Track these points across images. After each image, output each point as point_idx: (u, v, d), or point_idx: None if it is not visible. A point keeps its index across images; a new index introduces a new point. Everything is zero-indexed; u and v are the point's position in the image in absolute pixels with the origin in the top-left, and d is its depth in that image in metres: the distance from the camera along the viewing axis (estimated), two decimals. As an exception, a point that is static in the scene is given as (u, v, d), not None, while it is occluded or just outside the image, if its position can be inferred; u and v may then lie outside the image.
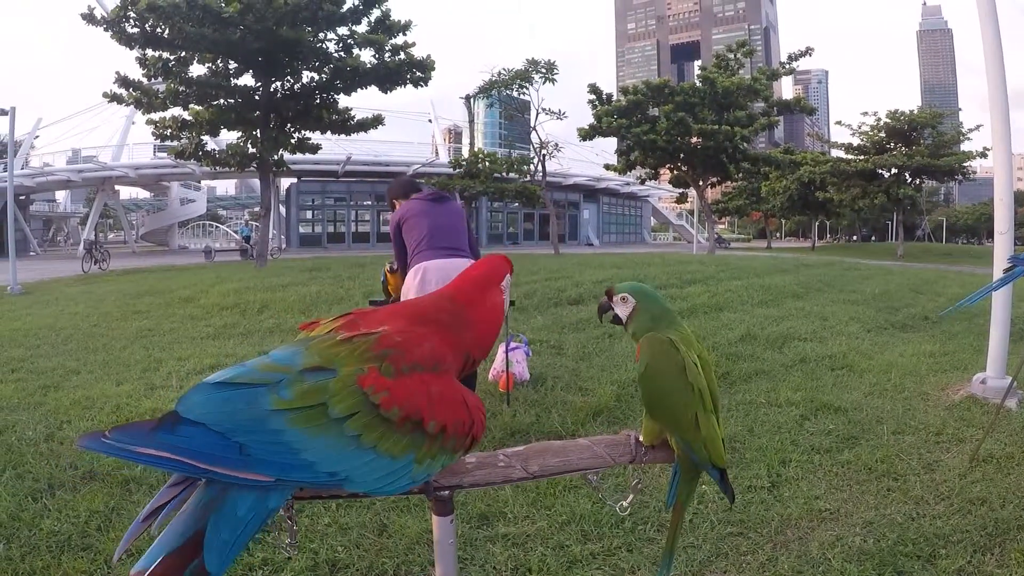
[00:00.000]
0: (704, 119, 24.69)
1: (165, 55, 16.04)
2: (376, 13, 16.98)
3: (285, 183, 37.12)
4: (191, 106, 17.20)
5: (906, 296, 9.72)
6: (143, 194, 52.93)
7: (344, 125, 18.45)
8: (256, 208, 35.89)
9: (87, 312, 8.46)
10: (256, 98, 17.17)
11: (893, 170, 29.85)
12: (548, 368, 5.13)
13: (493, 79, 25.19)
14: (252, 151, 17.88)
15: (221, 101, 17.06)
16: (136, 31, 15.26)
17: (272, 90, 17.15)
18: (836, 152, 34.98)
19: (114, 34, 15.32)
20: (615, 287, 1.31)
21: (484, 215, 40.10)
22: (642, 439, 1.25)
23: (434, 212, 3.78)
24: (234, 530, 0.89)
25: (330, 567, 2.30)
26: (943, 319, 7.63)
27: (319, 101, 17.74)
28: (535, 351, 5.47)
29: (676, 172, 28.34)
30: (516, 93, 27.00)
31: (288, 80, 17.32)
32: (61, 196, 55.76)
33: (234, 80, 17.10)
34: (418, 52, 17.32)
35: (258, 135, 17.56)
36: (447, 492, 1.12)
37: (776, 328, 6.65)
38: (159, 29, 15.07)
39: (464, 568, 2.29)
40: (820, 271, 12.48)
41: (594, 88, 26.33)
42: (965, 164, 29.35)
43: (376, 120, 19.08)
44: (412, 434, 0.96)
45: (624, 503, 1.32)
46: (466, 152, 32.68)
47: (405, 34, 17.18)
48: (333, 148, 29.15)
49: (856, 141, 31.43)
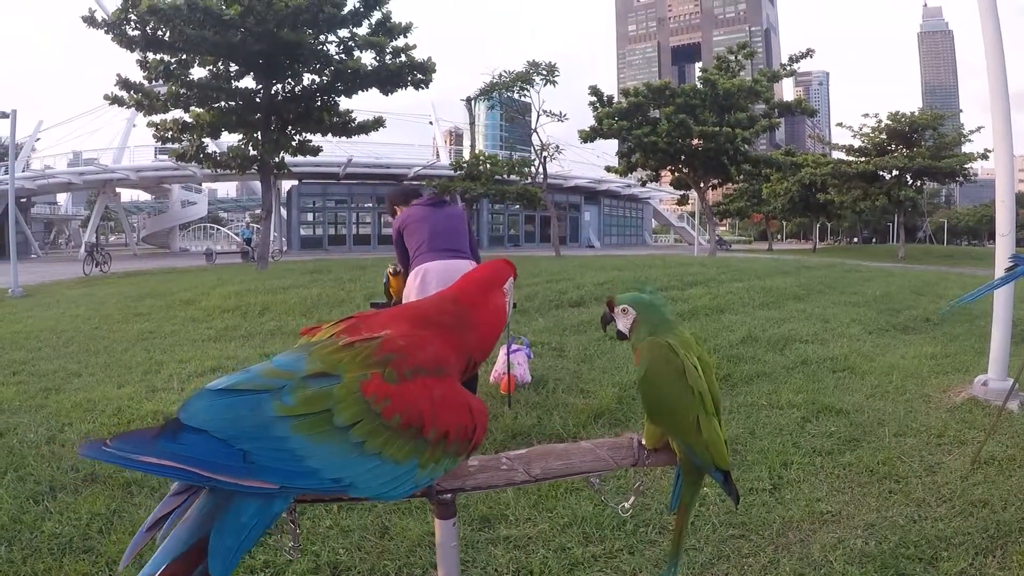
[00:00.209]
0: (705, 121, 24.69)
1: (166, 57, 16.05)
2: (377, 15, 16.98)
3: (286, 185, 37.18)
4: (192, 108, 17.20)
5: (907, 298, 9.71)
6: (144, 196, 53.03)
7: (345, 127, 18.45)
8: (257, 210, 35.95)
9: (88, 314, 8.47)
10: (257, 100, 17.17)
11: (894, 172, 29.87)
12: (549, 370, 5.13)
13: (494, 81, 25.18)
14: (253, 153, 17.88)
15: (222, 103, 17.05)
16: (137, 33, 15.27)
17: (273, 92, 17.15)
18: (837, 154, 34.93)
19: (115, 37, 15.32)
20: (616, 298, 1.29)
21: (485, 217, 40.11)
22: (644, 442, 1.25)
23: (434, 216, 3.79)
24: (238, 536, 0.89)
25: (332, 569, 2.30)
26: (944, 321, 7.62)
27: (320, 103, 17.74)
28: (536, 353, 5.47)
29: (677, 174, 28.34)
30: (517, 95, 27.01)
31: (289, 82, 17.32)
32: (62, 198, 55.77)
33: (235, 82, 17.11)
34: (419, 54, 17.35)
35: (259, 137, 17.56)
36: (449, 495, 1.12)
37: (777, 330, 6.64)
38: (160, 32, 15.06)
39: (466, 571, 2.29)
40: (821, 273, 12.46)
41: (595, 90, 26.35)
42: (966, 166, 29.36)
43: (377, 122, 19.08)
44: (415, 440, 0.96)
45: (626, 505, 1.32)
46: (467, 154, 32.70)
47: (406, 36, 17.18)
48: (334, 150, 29.15)
49: (857, 143, 31.45)
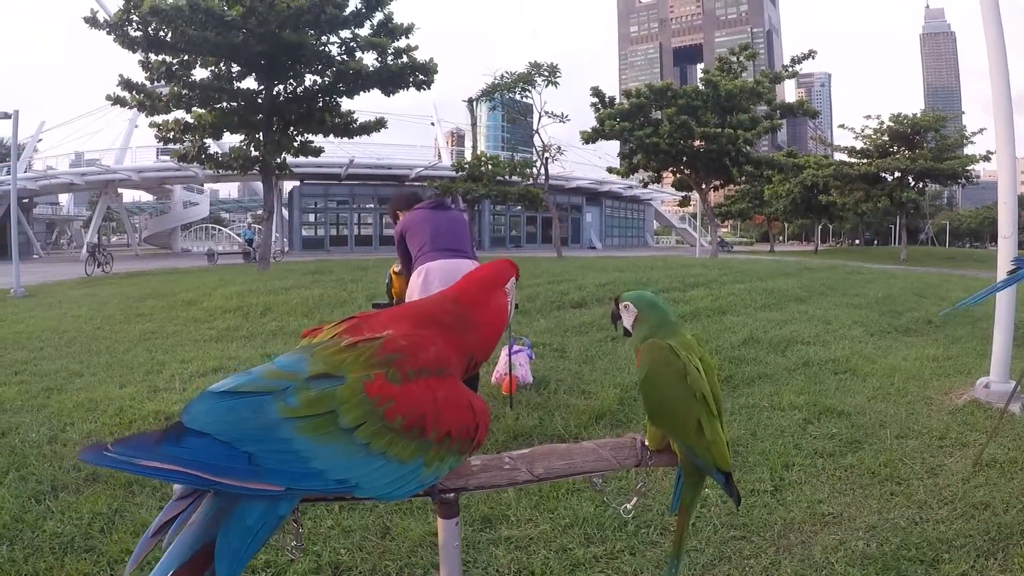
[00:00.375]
0: (707, 122, 24.71)
1: (168, 58, 16.05)
2: (379, 16, 16.97)
3: (288, 186, 37.22)
4: (194, 109, 17.19)
5: (909, 300, 9.70)
6: (146, 197, 53.10)
7: (347, 128, 18.45)
8: (259, 211, 36.02)
9: (90, 315, 8.48)
10: (259, 101, 17.17)
11: (896, 173, 29.81)
12: (551, 371, 5.13)
13: (496, 82, 25.19)
14: (255, 154, 17.89)
15: (224, 104, 17.05)
16: (139, 34, 15.27)
17: (275, 93, 17.16)
18: (839, 155, 34.88)
19: (117, 37, 15.33)
20: (621, 295, 1.31)
21: (487, 218, 40.11)
22: (647, 443, 1.25)
23: (437, 218, 3.83)
24: (244, 539, 0.89)
25: (333, 570, 2.30)
26: (946, 323, 7.61)
27: (322, 104, 17.73)
28: (538, 354, 5.47)
29: (679, 175, 28.35)
30: (519, 96, 27.03)
31: (291, 83, 17.32)
32: (64, 199, 55.88)
33: (237, 83, 17.11)
34: (421, 55, 17.34)
35: (261, 138, 17.56)
36: (452, 495, 1.12)
37: (779, 332, 6.64)
38: (162, 32, 15.06)
39: (467, 571, 2.28)
40: (823, 275, 12.44)
41: (597, 91, 26.38)
42: (968, 168, 29.28)
43: (379, 123, 19.07)
44: (419, 439, 0.96)
45: (628, 506, 1.32)
46: (469, 155, 32.74)
47: (408, 37, 17.18)
48: (336, 151, 29.19)
49: (859, 144, 31.39)
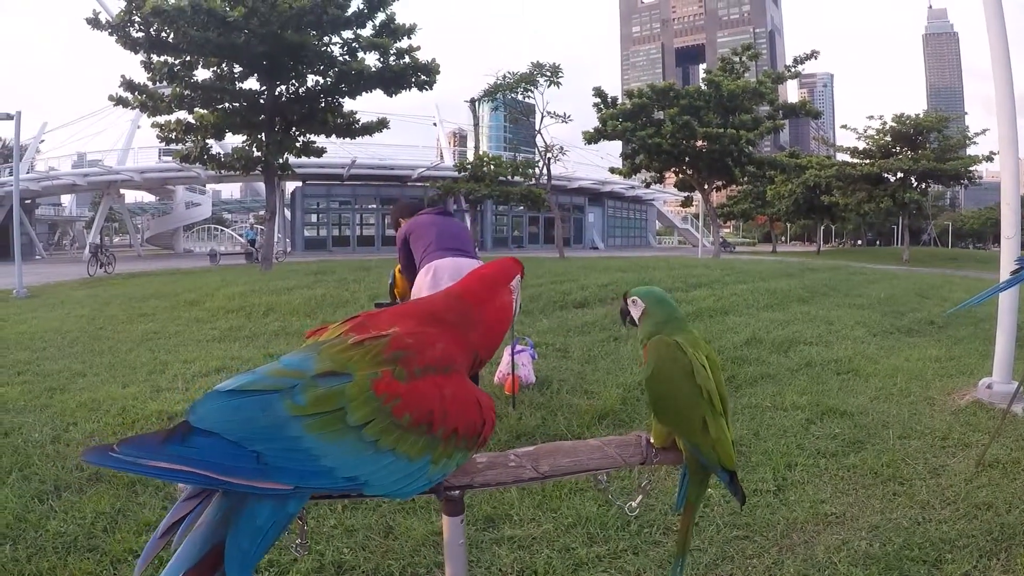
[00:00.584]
0: (709, 122, 24.68)
1: (170, 59, 16.06)
2: (381, 17, 16.98)
3: (290, 186, 37.25)
4: (196, 110, 17.22)
5: (912, 300, 9.68)
6: (148, 198, 53.08)
7: (349, 128, 18.46)
8: (261, 211, 36.08)
9: (93, 315, 8.50)
10: (261, 102, 17.19)
11: (899, 174, 29.74)
12: (554, 371, 5.13)
13: (498, 82, 25.20)
14: (257, 155, 17.90)
15: (226, 105, 17.08)
16: (141, 35, 15.28)
17: (277, 94, 17.18)
18: (841, 156, 34.78)
19: (119, 38, 15.35)
20: (629, 291, 1.34)
21: (489, 218, 40.10)
22: (652, 440, 1.25)
23: (440, 222, 3.91)
24: (254, 539, 0.88)
25: (336, 569, 2.31)
26: (949, 324, 7.60)
27: (324, 104, 17.76)
28: (541, 354, 5.47)
29: (681, 176, 28.33)
30: (521, 96, 27.03)
31: (293, 84, 17.34)
32: (66, 200, 55.97)
33: (239, 84, 17.13)
34: (423, 56, 17.36)
35: (263, 139, 17.58)
36: (458, 492, 1.12)
37: (781, 332, 6.63)
38: (164, 33, 15.08)
39: (470, 570, 2.28)
40: (825, 275, 12.42)
41: (599, 91, 26.36)
42: (971, 168, 29.19)
43: (381, 123, 19.09)
44: (427, 436, 0.96)
45: (633, 504, 1.33)
46: (471, 155, 32.75)
47: (410, 38, 17.19)
48: (338, 151, 29.18)
49: (862, 145, 31.31)
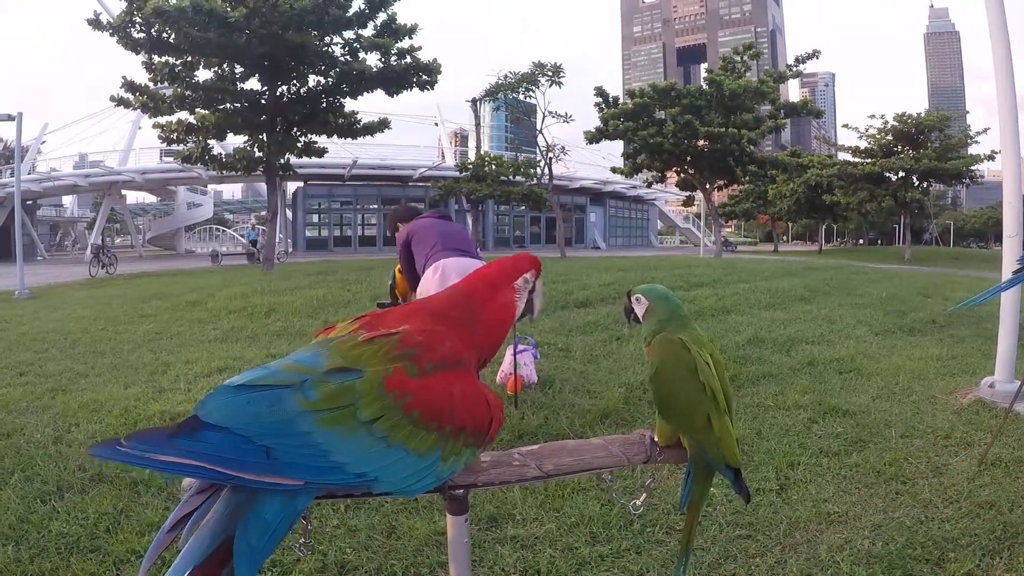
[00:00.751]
0: (711, 122, 24.67)
1: (171, 60, 16.08)
2: (382, 17, 16.99)
3: (292, 187, 37.26)
4: (197, 110, 17.25)
5: (914, 300, 9.67)
6: (150, 198, 53.14)
7: (350, 129, 18.49)
8: (263, 212, 36.04)
9: (94, 316, 8.50)
10: (262, 102, 17.20)
11: (900, 173, 29.70)
12: (556, 371, 5.13)
13: (499, 82, 25.22)
14: (258, 155, 17.91)
15: (227, 105, 17.09)
16: (142, 36, 15.29)
17: (278, 94, 17.20)
18: (843, 155, 34.70)
19: (120, 39, 15.35)
20: (632, 289, 1.34)
21: (491, 218, 40.07)
22: (656, 439, 1.25)
23: (442, 225, 3.92)
24: (263, 535, 0.88)
25: (339, 569, 2.31)
26: (951, 323, 7.59)
27: (325, 105, 17.78)
28: (543, 354, 5.47)
29: (683, 175, 28.33)
30: (522, 96, 27.04)
31: (294, 84, 17.36)
32: (68, 201, 55.89)
33: (240, 84, 17.14)
34: (424, 56, 17.38)
35: (264, 139, 17.60)
36: (462, 491, 1.13)
37: (783, 331, 6.63)
38: (165, 34, 15.10)
39: (473, 570, 2.28)
40: (827, 274, 12.41)
41: (600, 91, 26.37)
42: (973, 167, 29.15)
43: (382, 124, 19.11)
44: (437, 432, 0.96)
45: (637, 502, 1.33)
46: (472, 155, 32.72)
47: (411, 38, 17.20)
48: (339, 152, 29.17)
49: (863, 144, 31.25)
